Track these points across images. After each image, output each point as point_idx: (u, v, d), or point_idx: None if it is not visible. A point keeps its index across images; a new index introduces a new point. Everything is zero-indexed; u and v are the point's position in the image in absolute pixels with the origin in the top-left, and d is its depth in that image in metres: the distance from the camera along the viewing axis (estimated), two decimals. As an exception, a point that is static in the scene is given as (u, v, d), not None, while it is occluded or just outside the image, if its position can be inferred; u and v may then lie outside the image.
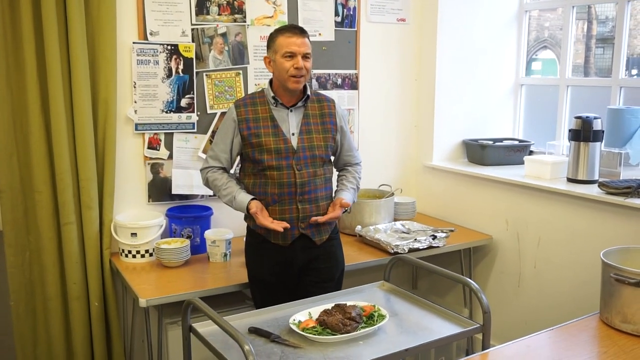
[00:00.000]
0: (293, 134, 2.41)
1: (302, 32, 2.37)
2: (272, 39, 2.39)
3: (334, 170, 2.61)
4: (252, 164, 2.42)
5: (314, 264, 2.46)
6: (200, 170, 2.55)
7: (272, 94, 2.40)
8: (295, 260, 2.44)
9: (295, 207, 2.39)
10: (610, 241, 2.57)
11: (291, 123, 2.41)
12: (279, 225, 2.32)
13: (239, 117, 2.41)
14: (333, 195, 2.52)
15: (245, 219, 2.51)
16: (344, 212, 2.48)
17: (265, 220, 2.34)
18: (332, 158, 2.57)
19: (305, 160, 2.39)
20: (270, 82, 2.44)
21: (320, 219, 2.40)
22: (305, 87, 2.44)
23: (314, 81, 3.34)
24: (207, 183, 2.52)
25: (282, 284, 2.45)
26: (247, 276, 2.54)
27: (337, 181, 2.61)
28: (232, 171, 2.56)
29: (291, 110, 2.42)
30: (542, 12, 3.79)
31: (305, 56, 2.35)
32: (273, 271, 2.44)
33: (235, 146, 2.44)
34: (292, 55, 2.32)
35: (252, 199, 2.37)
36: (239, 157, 2.52)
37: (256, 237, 2.46)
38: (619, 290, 2.00)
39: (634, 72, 3.27)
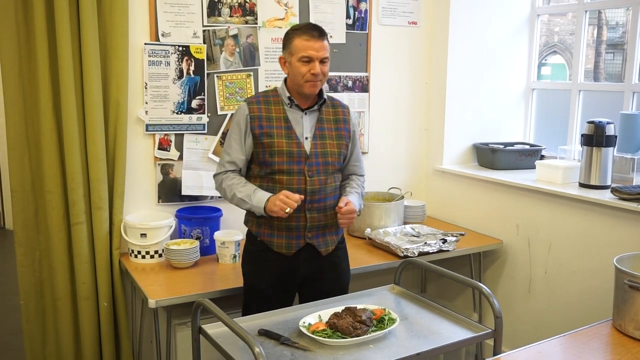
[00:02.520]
0: (306, 138, 2.29)
1: (320, 34, 2.22)
2: (288, 38, 2.24)
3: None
4: (260, 166, 2.30)
5: (317, 275, 2.36)
6: (214, 175, 2.38)
7: (287, 94, 2.28)
8: (298, 271, 2.34)
9: (304, 216, 2.27)
10: (622, 247, 2.55)
11: (305, 126, 2.30)
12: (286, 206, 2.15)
13: (252, 114, 2.27)
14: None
15: (246, 223, 2.40)
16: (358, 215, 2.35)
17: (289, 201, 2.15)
18: None
19: (317, 166, 2.28)
20: (285, 80, 2.32)
21: (344, 209, 2.24)
22: (321, 90, 2.33)
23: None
24: (220, 186, 2.34)
25: (280, 296, 2.33)
26: (243, 286, 2.43)
27: (341, 187, 2.43)
28: None
29: (305, 113, 2.30)
30: (551, 17, 3.77)
31: (322, 61, 2.22)
32: (273, 282, 2.33)
33: (248, 146, 2.29)
34: (309, 60, 2.20)
35: (271, 196, 2.21)
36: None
37: (257, 244, 2.34)
38: (633, 297, 1.98)
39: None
